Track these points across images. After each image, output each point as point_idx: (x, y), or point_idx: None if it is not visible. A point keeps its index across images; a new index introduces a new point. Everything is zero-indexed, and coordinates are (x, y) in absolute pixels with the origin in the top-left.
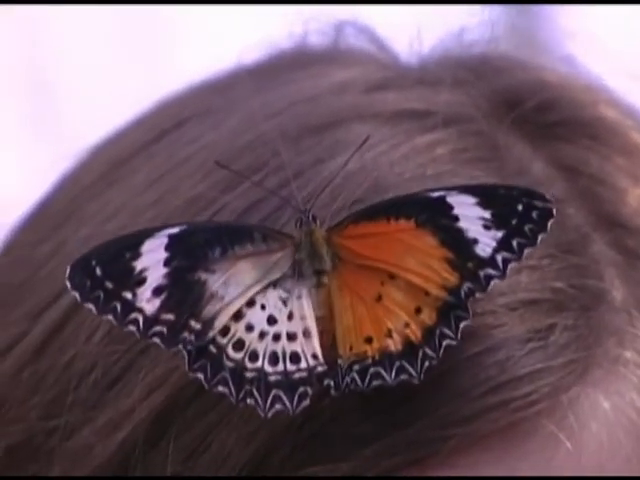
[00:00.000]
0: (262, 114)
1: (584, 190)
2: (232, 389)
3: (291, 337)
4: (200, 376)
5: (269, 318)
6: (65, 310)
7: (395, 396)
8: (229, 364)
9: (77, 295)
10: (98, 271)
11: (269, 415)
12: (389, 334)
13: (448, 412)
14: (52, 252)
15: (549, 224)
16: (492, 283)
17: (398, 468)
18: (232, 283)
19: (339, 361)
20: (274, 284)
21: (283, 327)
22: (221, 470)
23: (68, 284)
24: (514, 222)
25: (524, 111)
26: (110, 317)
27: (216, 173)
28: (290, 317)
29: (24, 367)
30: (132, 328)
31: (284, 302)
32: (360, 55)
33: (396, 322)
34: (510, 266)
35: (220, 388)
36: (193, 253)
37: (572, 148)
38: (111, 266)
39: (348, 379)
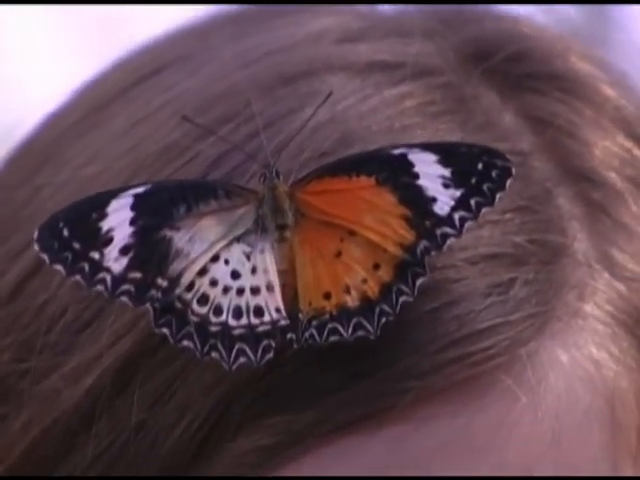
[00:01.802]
0: (237, 63)
1: (551, 142)
2: (197, 343)
3: (254, 291)
4: (166, 331)
5: (233, 273)
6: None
7: (354, 349)
8: (194, 319)
9: (45, 257)
10: (65, 232)
11: (233, 368)
12: (347, 290)
13: (406, 366)
14: (31, 195)
15: (508, 183)
16: (448, 242)
17: (356, 420)
18: (197, 240)
19: (299, 316)
20: (238, 239)
21: (247, 281)
22: (185, 418)
23: (36, 246)
24: (473, 181)
25: (494, 62)
26: (78, 278)
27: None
28: (253, 271)
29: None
30: (100, 288)
31: (247, 256)
32: (339, 6)
33: (354, 278)
34: (467, 225)
35: (185, 342)
36: (158, 212)
37: (542, 100)
38: (78, 227)
39: (307, 334)
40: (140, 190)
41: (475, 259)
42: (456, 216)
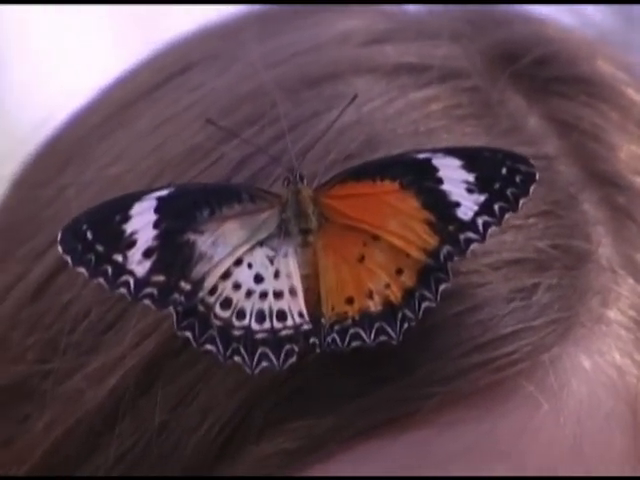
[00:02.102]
0: (263, 63)
1: (577, 146)
2: (220, 347)
3: (277, 295)
4: (188, 335)
5: (256, 276)
6: None
7: (377, 354)
8: (217, 322)
9: (69, 259)
10: (89, 235)
11: (256, 372)
12: (370, 295)
13: (430, 370)
14: (55, 195)
15: (531, 189)
16: (471, 247)
17: (378, 425)
18: (220, 243)
19: (322, 320)
20: (261, 243)
21: (270, 285)
22: (207, 420)
23: (60, 248)
24: (497, 186)
25: (521, 66)
26: (101, 280)
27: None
28: (276, 275)
29: (23, 307)
30: (123, 291)
31: (271, 260)
32: (367, 5)
33: (377, 283)
34: (490, 230)
35: (208, 346)
36: (182, 215)
37: (567, 104)
38: (102, 229)
39: (329, 339)
40: (164, 193)
41: (498, 264)
42: (479, 221)
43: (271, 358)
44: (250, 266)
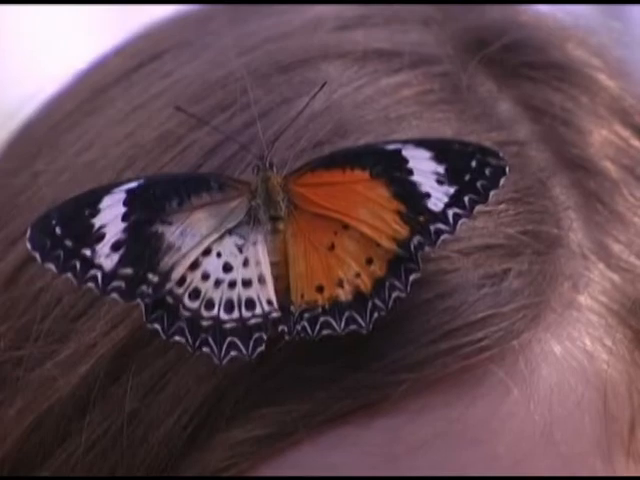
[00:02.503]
0: (235, 50)
1: (548, 131)
2: (188, 338)
3: (246, 283)
4: (157, 327)
5: (225, 266)
6: None
7: (348, 340)
8: (185, 314)
9: (37, 256)
10: (58, 230)
11: (223, 362)
12: (340, 283)
13: (399, 357)
14: (28, 182)
15: (501, 182)
16: (441, 238)
17: (350, 411)
18: (188, 233)
19: (291, 308)
20: (230, 231)
21: (238, 274)
22: (178, 408)
23: (28, 245)
24: (467, 178)
25: (492, 51)
26: (69, 275)
27: (187, 109)
28: (245, 263)
29: None
30: (91, 285)
31: (239, 249)
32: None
33: (347, 272)
34: (460, 222)
35: (177, 338)
36: (151, 206)
37: (538, 88)
38: (71, 224)
39: (299, 327)
40: (133, 185)
41: (468, 250)
42: (450, 213)
43: (240, 347)
44: (219, 255)
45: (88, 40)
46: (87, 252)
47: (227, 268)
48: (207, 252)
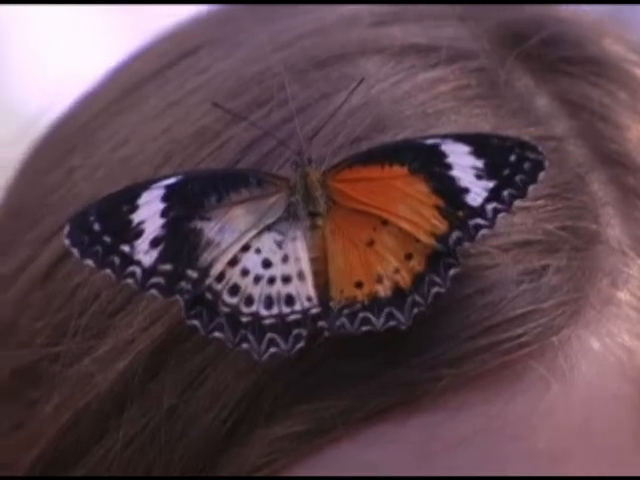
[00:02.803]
0: (271, 45)
1: (586, 126)
2: (228, 334)
3: (286, 279)
4: (197, 323)
5: (264, 262)
6: None
7: (386, 336)
8: (225, 310)
9: (76, 252)
10: (96, 226)
11: (263, 358)
12: (379, 279)
13: (438, 353)
14: (63, 178)
15: (540, 176)
16: (480, 233)
17: (388, 408)
18: (227, 229)
19: (330, 304)
20: (269, 227)
21: (278, 270)
22: (217, 404)
23: (67, 241)
24: (506, 173)
25: (529, 46)
26: (108, 271)
27: (224, 105)
28: (285, 259)
29: (32, 291)
30: (130, 281)
31: (279, 245)
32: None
33: (386, 267)
34: (499, 217)
35: (216, 334)
36: (189, 202)
37: (576, 84)
38: (109, 220)
39: (338, 322)
40: (171, 181)
41: (508, 246)
42: (489, 207)
43: (279, 343)
44: (258, 251)
45: (87, 41)
46: (126, 248)
47: (266, 264)
48: (246, 248)
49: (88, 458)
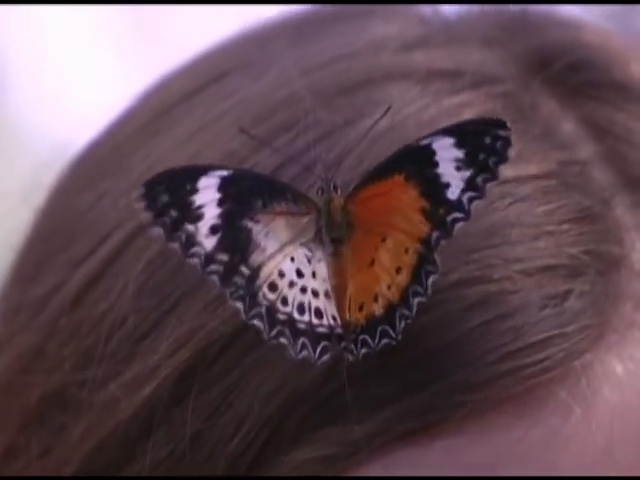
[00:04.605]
0: (297, 70)
1: (611, 151)
2: (266, 325)
3: (315, 294)
4: (239, 305)
5: (297, 271)
6: (101, 263)
7: (410, 361)
8: (264, 302)
9: (149, 215)
10: (164, 198)
11: (299, 357)
12: (375, 298)
13: (462, 378)
14: (92, 204)
15: (509, 153)
16: (457, 227)
17: (411, 432)
18: (271, 237)
19: (350, 328)
20: (301, 244)
21: (309, 282)
22: (242, 429)
23: (141, 206)
24: (481, 158)
25: (555, 71)
26: (176, 246)
27: (249, 130)
28: (313, 275)
29: (61, 316)
30: (195, 261)
31: (309, 260)
32: (401, 8)
33: (382, 285)
34: (474, 205)
35: (255, 322)
36: (241, 199)
37: (601, 108)
38: (176, 195)
39: (351, 347)
40: (225, 173)
41: (531, 271)
42: (464, 198)
43: (309, 350)
44: (292, 260)
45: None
46: (191, 228)
47: (299, 274)
48: (284, 255)
49: None
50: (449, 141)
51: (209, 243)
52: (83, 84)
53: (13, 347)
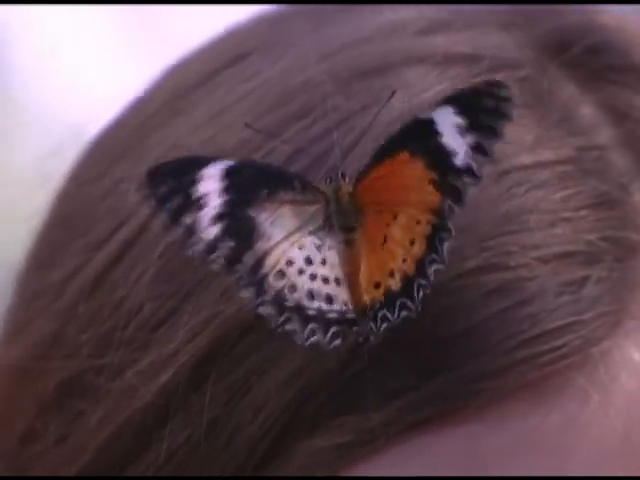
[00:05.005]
0: (315, 55)
1: (630, 135)
2: (273, 312)
3: (325, 280)
4: (248, 294)
5: (306, 258)
6: (118, 249)
7: (427, 348)
8: (271, 290)
9: (154, 201)
10: (168, 185)
11: (307, 344)
12: (391, 274)
13: (479, 365)
14: (110, 188)
15: (510, 110)
16: (469, 192)
17: (429, 420)
18: (278, 225)
19: (366, 312)
20: (310, 233)
21: (318, 269)
22: (259, 416)
23: (147, 189)
24: (485, 121)
25: (573, 54)
26: (179, 232)
27: (267, 115)
28: (323, 262)
29: (79, 302)
30: (198, 249)
31: (318, 248)
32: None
33: (396, 261)
34: (482, 167)
35: (262, 310)
36: (245, 188)
37: (621, 92)
38: (179, 182)
39: (368, 327)
40: (229, 163)
41: (547, 257)
42: (472, 162)
43: (319, 335)
44: (301, 248)
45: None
46: (194, 215)
47: (309, 261)
48: (291, 243)
49: (131, 471)
50: (449, 110)
51: (212, 231)
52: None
53: (31, 333)
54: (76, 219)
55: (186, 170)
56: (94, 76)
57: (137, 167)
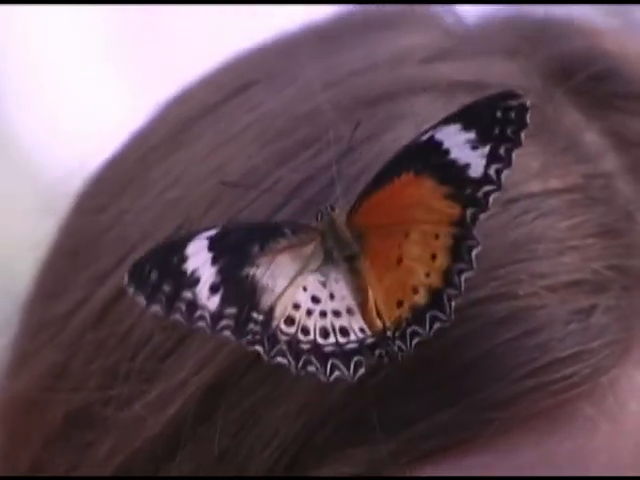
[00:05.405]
0: (320, 83)
1: (636, 163)
2: (290, 359)
3: (336, 314)
4: (259, 348)
5: (312, 298)
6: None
7: (437, 377)
8: (284, 338)
9: (141, 300)
10: (154, 276)
11: (330, 380)
12: (415, 290)
13: (489, 394)
14: (114, 219)
15: (528, 117)
16: (492, 198)
17: (437, 451)
18: (277, 275)
19: (388, 333)
20: (312, 272)
21: (327, 305)
22: (268, 447)
23: (130, 291)
24: (497, 131)
25: (579, 81)
26: (178, 317)
27: (272, 144)
28: (331, 297)
29: (85, 333)
30: (202, 324)
31: (323, 284)
32: (424, 18)
33: (418, 277)
34: (504, 174)
35: (279, 359)
36: (235, 251)
37: (626, 119)
38: (164, 270)
39: (396, 347)
40: (212, 233)
41: (556, 286)
42: (491, 171)
43: (342, 369)
44: (305, 289)
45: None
46: (189, 294)
47: (315, 300)
48: (295, 287)
49: None
50: (455, 127)
51: (213, 303)
52: (82, 86)
53: (37, 364)
54: (81, 250)
55: (169, 254)
56: (95, 105)
57: (141, 199)
